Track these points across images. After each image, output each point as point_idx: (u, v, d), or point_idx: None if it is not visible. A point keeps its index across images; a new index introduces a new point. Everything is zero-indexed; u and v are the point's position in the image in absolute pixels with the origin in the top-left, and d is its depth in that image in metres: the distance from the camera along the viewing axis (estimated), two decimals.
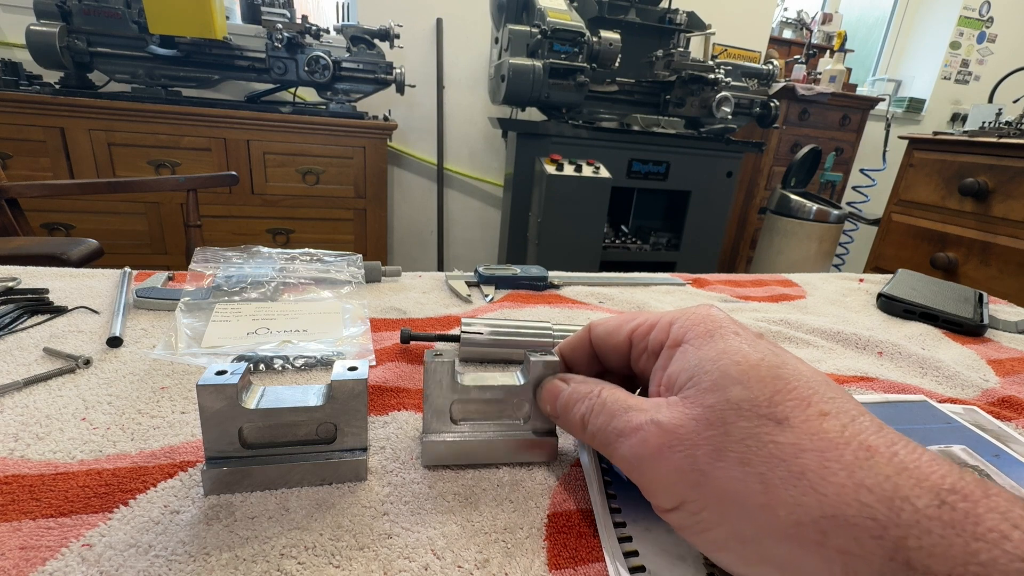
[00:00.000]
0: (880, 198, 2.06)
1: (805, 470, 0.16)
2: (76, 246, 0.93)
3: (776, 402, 0.18)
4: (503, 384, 0.26)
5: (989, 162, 1.52)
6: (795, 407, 0.18)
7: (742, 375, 0.19)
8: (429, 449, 0.25)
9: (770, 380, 0.18)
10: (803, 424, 0.17)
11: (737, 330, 0.21)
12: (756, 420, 0.18)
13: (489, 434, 0.26)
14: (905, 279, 0.65)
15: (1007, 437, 0.32)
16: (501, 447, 0.26)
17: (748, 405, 0.18)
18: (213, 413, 0.21)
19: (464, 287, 0.53)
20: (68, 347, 0.34)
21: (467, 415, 0.26)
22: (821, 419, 0.17)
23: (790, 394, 0.18)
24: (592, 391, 0.23)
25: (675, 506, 0.19)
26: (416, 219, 2.42)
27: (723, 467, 0.17)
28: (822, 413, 0.17)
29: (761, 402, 0.18)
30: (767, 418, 0.17)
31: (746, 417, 0.18)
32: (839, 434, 0.17)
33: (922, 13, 3.27)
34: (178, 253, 1.68)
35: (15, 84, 1.52)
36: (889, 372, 0.42)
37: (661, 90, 1.92)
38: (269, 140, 1.66)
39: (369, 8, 2.08)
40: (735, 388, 0.18)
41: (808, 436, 0.17)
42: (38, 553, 0.19)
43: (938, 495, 0.15)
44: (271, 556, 0.20)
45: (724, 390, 0.19)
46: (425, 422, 0.26)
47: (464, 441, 0.26)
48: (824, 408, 0.18)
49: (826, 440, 0.17)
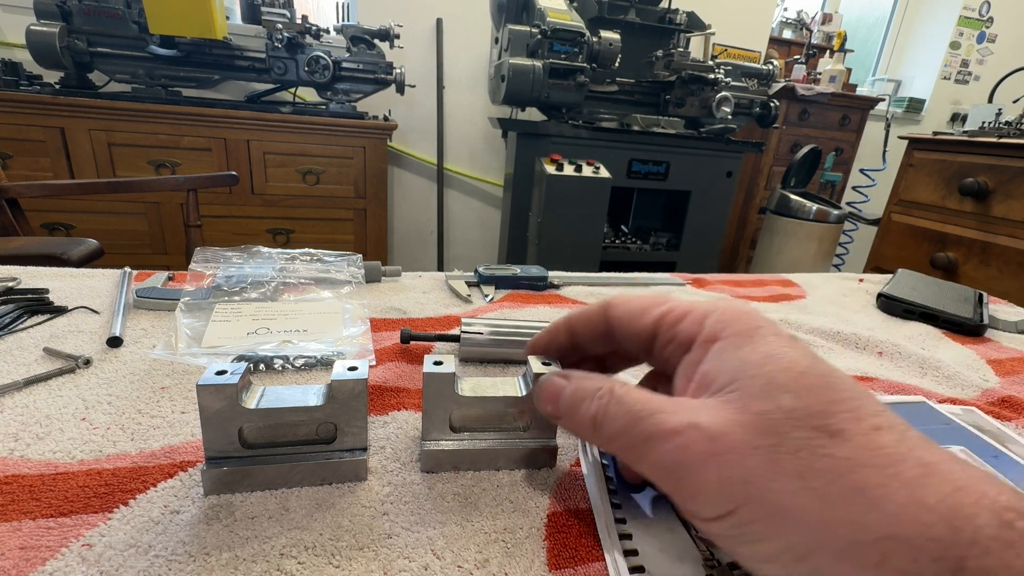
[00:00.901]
0: (880, 198, 2.06)
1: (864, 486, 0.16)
2: (76, 246, 0.93)
3: (830, 413, 0.17)
4: (504, 396, 0.26)
5: (989, 162, 1.52)
6: (849, 419, 0.17)
7: (792, 383, 0.18)
8: (428, 457, 0.25)
9: (821, 390, 0.18)
10: (859, 437, 0.16)
11: (777, 331, 0.20)
12: (810, 432, 0.17)
13: (488, 442, 0.26)
14: (905, 279, 0.65)
15: (1006, 438, 0.32)
16: (500, 455, 0.26)
17: (801, 415, 0.17)
18: (213, 413, 0.21)
19: (464, 287, 0.53)
20: (68, 347, 0.34)
21: (467, 424, 0.26)
22: (876, 433, 0.17)
23: (842, 405, 0.17)
24: (602, 387, 0.21)
25: (720, 516, 0.17)
26: (416, 219, 2.42)
27: (778, 479, 0.16)
28: (876, 427, 0.17)
29: (815, 412, 0.17)
30: (821, 430, 0.17)
31: (799, 428, 0.17)
32: (895, 449, 0.16)
33: (922, 13, 3.27)
34: (178, 253, 1.68)
35: (15, 84, 1.52)
36: (889, 372, 0.42)
37: (661, 90, 1.92)
38: (269, 140, 1.66)
39: (369, 8, 2.08)
40: (786, 396, 0.18)
41: (865, 451, 0.16)
42: (38, 553, 0.19)
43: (998, 515, 0.14)
44: (271, 556, 0.20)
45: (774, 398, 0.18)
46: (424, 430, 0.25)
47: (463, 450, 0.26)
48: (877, 422, 0.17)
49: (883, 455, 0.16)
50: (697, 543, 0.22)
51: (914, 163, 1.74)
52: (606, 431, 0.20)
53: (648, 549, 0.22)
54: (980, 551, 0.14)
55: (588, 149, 1.78)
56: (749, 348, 0.20)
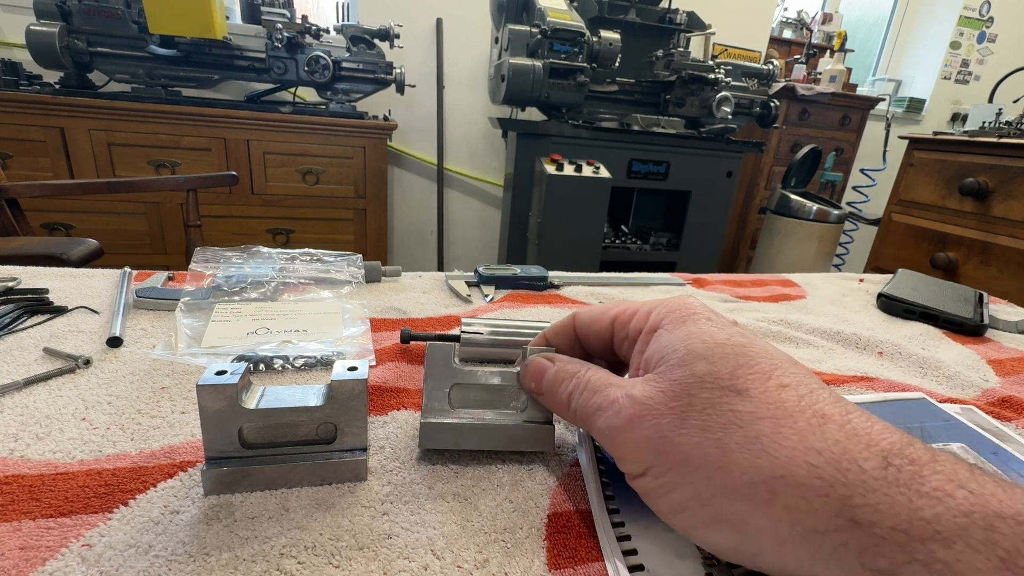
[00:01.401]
0: (880, 198, 2.06)
1: (760, 435, 0.17)
2: (76, 246, 0.93)
3: (738, 375, 0.19)
4: (501, 370, 0.27)
5: (989, 162, 1.52)
6: (755, 379, 0.19)
7: (707, 352, 0.20)
8: (427, 430, 0.26)
9: (734, 356, 0.20)
10: (762, 394, 0.18)
11: (710, 316, 0.23)
12: (718, 391, 0.19)
13: (487, 419, 0.27)
14: (905, 279, 0.65)
15: (1005, 436, 0.32)
16: (498, 433, 0.26)
17: (711, 378, 0.19)
18: (213, 413, 0.21)
19: (464, 287, 0.53)
20: (68, 347, 0.34)
21: (465, 403, 0.27)
22: (780, 390, 0.18)
23: (752, 368, 0.19)
24: (579, 371, 0.24)
25: (641, 472, 0.20)
26: (416, 219, 2.42)
27: (685, 434, 0.18)
28: (781, 385, 0.19)
29: (723, 375, 0.19)
30: (728, 389, 0.19)
31: (708, 388, 0.19)
32: (795, 403, 0.18)
33: (922, 13, 3.27)
34: (178, 253, 1.68)
35: (15, 84, 1.52)
36: (889, 372, 0.42)
37: (661, 90, 1.92)
38: (269, 140, 1.66)
39: (369, 8, 2.08)
40: (700, 363, 0.20)
41: (766, 405, 0.18)
42: (38, 553, 0.19)
43: (885, 458, 0.16)
44: (271, 556, 0.20)
45: (690, 365, 0.20)
46: (424, 405, 0.26)
47: (462, 424, 0.26)
48: (784, 381, 0.19)
49: (782, 408, 0.18)
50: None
51: (914, 163, 1.74)
52: (572, 406, 0.23)
53: (647, 548, 0.22)
54: (865, 489, 0.15)
55: (588, 149, 1.78)
56: (681, 330, 0.22)
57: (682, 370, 0.20)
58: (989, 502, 0.14)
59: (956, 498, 0.14)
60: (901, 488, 0.15)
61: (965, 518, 0.14)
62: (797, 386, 0.19)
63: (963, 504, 0.14)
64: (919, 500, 0.14)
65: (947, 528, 0.14)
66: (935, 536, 0.14)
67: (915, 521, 0.14)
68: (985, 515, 0.14)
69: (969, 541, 0.13)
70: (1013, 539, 0.13)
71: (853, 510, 0.15)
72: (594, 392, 0.22)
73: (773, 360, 0.20)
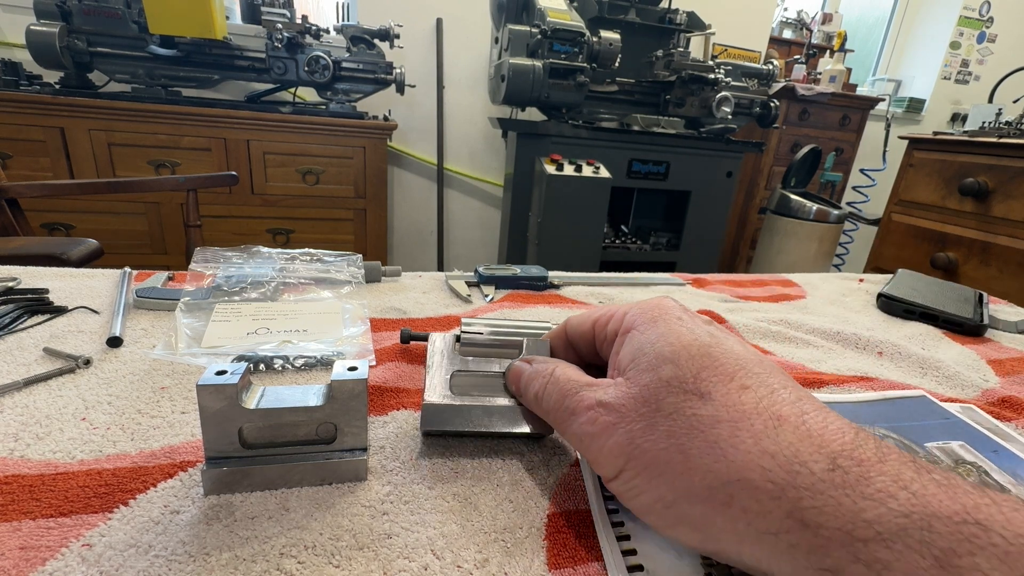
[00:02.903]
0: (880, 198, 2.06)
1: (719, 439, 0.18)
2: (76, 246, 0.93)
3: (702, 378, 0.19)
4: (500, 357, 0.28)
5: (989, 162, 1.52)
6: (718, 382, 0.19)
7: (674, 355, 0.21)
8: (429, 411, 0.26)
9: (698, 358, 0.20)
10: (723, 397, 0.19)
11: (681, 316, 0.23)
12: (683, 396, 0.19)
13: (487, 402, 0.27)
14: (905, 279, 0.65)
15: (1005, 435, 0.32)
16: (499, 414, 0.27)
17: (677, 382, 0.20)
18: (213, 413, 0.21)
19: (464, 287, 0.53)
20: (68, 347, 0.34)
21: (466, 390, 0.28)
22: (740, 392, 0.19)
23: (716, 371, 0.20)
24: (546, 369, 0.25)
25: (614, 475, 0.20)
26: (416, 219, 2.42)
27: (652, 440, 0.19)
28: (742, 387, 0.19)
29: (688, 379, 0.20)
30: (692, 393, 0.19)
31: (674, 393, 0.19)
32: (754, 406, 0.18)
33: (922, 13, 3.27)
34: (178, 253, 1.68)
35: (15, 84, 1.52)
36: (889, 372, 0.42)
37: (661, 90, 1.92)
38: (269, 140, 1.66)
39: (369, 8, 2.08)
40: (667, 367, 0.20)
41: (725, 408, 0.18)
42: (38, 553, 0.19)
43: (833, 460, 0.16)
44: (271, 556, 0.20)
45: (657, 369, 0.20)
46: (426, 389, 0.27)
47: (462, 405, 0.27)
48: (745, 382, 0.19)
49: (740, 412, 0.18)
50: None
51: (914, 163, 1.74)
52: (543, 406, 0.24)
53: (647, 548, 0.22)
54: (814, 492, 0.16)
55: (588, 149, 1.78)
56: (651, 331, 0.22)
57: (650, 375, 0.20)
58: (929, 503, 0.14)
59: (898, 499, 0.15)
60: (847, 490, 0.15)
61: (905, 519, 0.14)
62: (757, 387, 0.19)
63: (904, 505, 0.15)
64: (862, 502, 0.15)
65: (887, 529, 0.14)
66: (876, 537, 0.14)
67: (858, 522, 0.15)
68: (923, 516, 0.14)
69: (908, 541, 0.14)
70: (948, 538, 0.14)
71: (802, 512, 0.16)
72: (564, 395, 0.23)
73: (738, 360, 0.20)
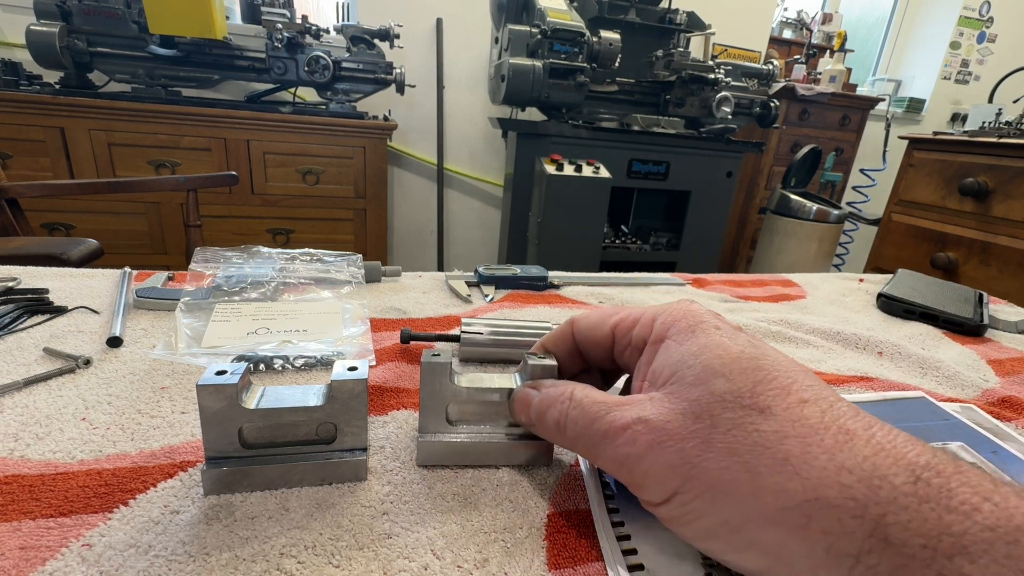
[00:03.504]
0: (880, 198, 2.06)
1: (788, 456, 0.17)
2: (76, 246, 0.93)
3: (758, 392, 0.18)
4: (499, 386, 0.26)
5: (989, 162, 1.52)
6: (776, 396, 0.18)
7: (724, 368, 0.19)
8: (424, 449, 0.26)
9: (751, 371, 0.19)
10: (785, 412, 0.18)
11: (718, 324, 0.22)
12: (740, 411, 0.18)
13: (484, 436, 0.26)
14: (905, 279, 0.65)
15: (1005, 435, 0.32)
16: (496, 449, 0.26)
17: (732, 397, 0.18)
18: (213, 413, 0.21)
19: (464, 287, 0.53)
20: (68, 347, 0.34)
21: (463, 416, 0.26)
22: (801, 406, 0.18)
23: (771, 384, 0.19)
24: (563, 393, 0.23)
25: (665, 499, 0.19)
26: (416, 219, 2.41)
27: (712, 458, 0.18)
28: (802, 400, 0.18)
29: (744, 393, 0.18)
30: (750, 408, 0.18)
31: (730, 408, 0.18)
32: (819, 420, 0.17)
33: (922, 13, 3.27)
34: (178, 253, 1.68)
35: (15, 84, 1.51)
36: (889, 372, 0.42)
37: (661, 90, 1.92)
38: (269, 140, 1.66)
39: (369, 8, 2.08)
40: (718, 381, 0.19)
41: (790, 423, 0.17)
42: (38, 553, 0.19)
43: (913, 472, 0.15)
44: (271, 556, 0.20)
45: (707, 383, 0.19)
46: (421, 422, 0.26)
47: (459, 442, 0.26)
48: (804, 396, 0.18)
49: (807, 426, 0.17)
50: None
51: (914, 163, 1.74)
52: (569, 434, 0.22)
53: (647, 548, 0.22)
54: (897, 507, 0.15)
55: (588, 149, 1.78)
56: (690, 342, 0.21)
57: (700, 389, 0.19)
58: (1013, 516, 0.14)
59: (983, 512, 0.14)
60: (931, 504, 0.15)
61: (991, 532, 0.14)
62: (818, 400, 0.18)
63: (988, 518, 0.14)
64: (948, 516, 0.14)
65: (973, 543, 0.14)
66: (962, 552, 0.14)
67: (944, 537, 0.14)
68: (1008, 529, 0.14)
69: (994, 555, 0.13)
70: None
71: (886, 529, 0.15)
72: (592, 419, 0.21)
73: (789, 373, 0.19)
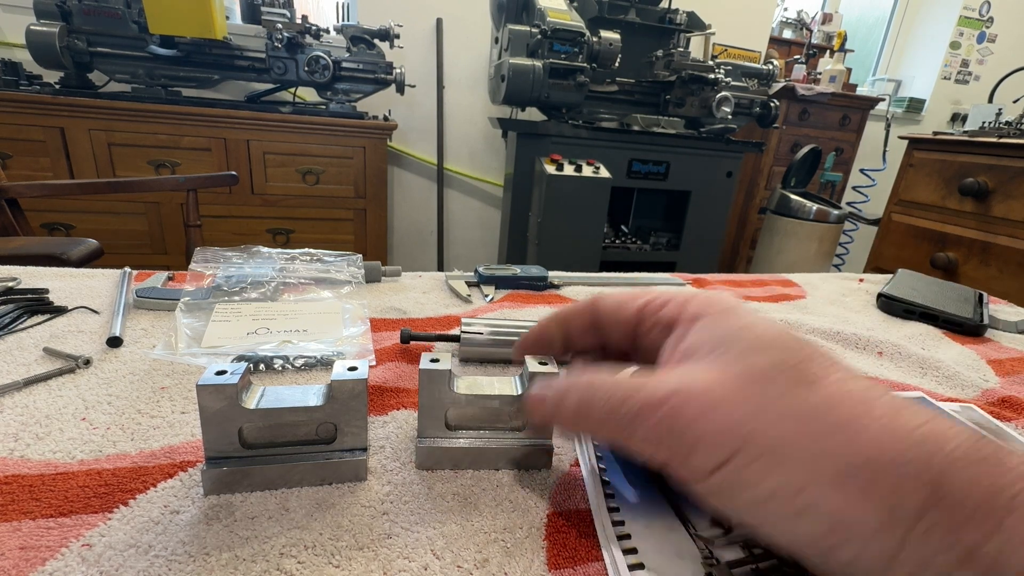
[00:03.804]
0: (880, 198, 2.06)
1: (843, 422, 0.17)
2: (76, 246, 0.93)
3: (804, 367, 0.19)
4: (500, 394, 0.25)
5: (989, 162, 1.52)
6: (823, 370, 0.19)
7: (770, 344, 0.20)
8: (423, 454, 0.25)
9: (796, 348, 0.20)
10: (833, 384, 0.18)
11: (752, 310, 0.23)
12: (789, 381, 0.19)
13: (484, 441, 0.26)
14: (905, 279, 0.65)
15: (1005, 435, 0.32)
16: (496, 454, 0.26)
17: (784, 367, 0.19)
18: (213, 413, 0.21)
19: (464, 287, 0.53)
20: (68, 347, 0.34)
21: (462, 422, 0.26)
22: (847, 381, 0.19)
23: (815, 361, 0.19)
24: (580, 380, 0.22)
25: (718, 465, 0.18)
26: (416, 219, 2.42)
27: (769, 420, 0.18)
28: (848, 375, 0.19)
29: (792, 366, 0.19)
30: (801, 380, 0.19)
31: (781, 378, 0.19)
32: (864, 394, 0.18)
33: (922, 13, 3.27)
34: (178, 253, 1.68)
35: (15, 84, 1.51)
36: (889, 372, 0.42)
37: (661, 90, 1.92)
38: (269, 140, 1.66)
39: (369, 8, 2.08)
40: (768, 352, 0.20)
41: (839, 395, 0.18)
42: (38, 553, 0.19)
43: (970, 437, 0.16)
44: (271, 556, 0.20)
45: (756, 354, 0.20)
46: (420, 427, 0.25)
47: (459, 447, 0.26)
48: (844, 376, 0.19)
49: (856, 399, 0.18)
50: (696, 541, 0.22)
51: (914, 163, 1.74)
52: (593, 418, 0.21)
53: (647, 547, 0.22)
54: (956, 468, 0.15)
55: (588, 149, 1.78)
56: (732, 320, 0.22)
57: (748, 359, 0.19)
58: None
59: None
60: (988, 464, 0.15)
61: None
62: (858, 378, 0.19)
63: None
64: (1003, 477, 0.15)
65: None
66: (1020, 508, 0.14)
67: (1002, 496, 0.15)
68: None
69: None
70: None
71: (946, 488, 0.15)
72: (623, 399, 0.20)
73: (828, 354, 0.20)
